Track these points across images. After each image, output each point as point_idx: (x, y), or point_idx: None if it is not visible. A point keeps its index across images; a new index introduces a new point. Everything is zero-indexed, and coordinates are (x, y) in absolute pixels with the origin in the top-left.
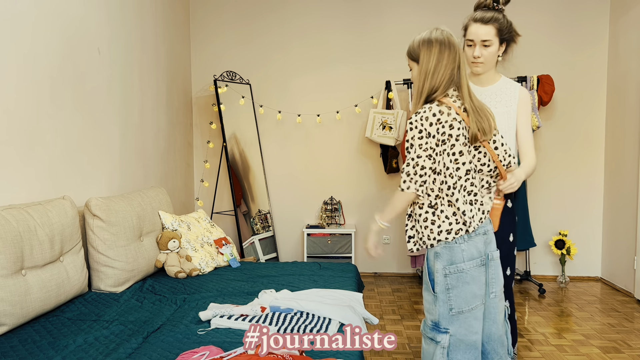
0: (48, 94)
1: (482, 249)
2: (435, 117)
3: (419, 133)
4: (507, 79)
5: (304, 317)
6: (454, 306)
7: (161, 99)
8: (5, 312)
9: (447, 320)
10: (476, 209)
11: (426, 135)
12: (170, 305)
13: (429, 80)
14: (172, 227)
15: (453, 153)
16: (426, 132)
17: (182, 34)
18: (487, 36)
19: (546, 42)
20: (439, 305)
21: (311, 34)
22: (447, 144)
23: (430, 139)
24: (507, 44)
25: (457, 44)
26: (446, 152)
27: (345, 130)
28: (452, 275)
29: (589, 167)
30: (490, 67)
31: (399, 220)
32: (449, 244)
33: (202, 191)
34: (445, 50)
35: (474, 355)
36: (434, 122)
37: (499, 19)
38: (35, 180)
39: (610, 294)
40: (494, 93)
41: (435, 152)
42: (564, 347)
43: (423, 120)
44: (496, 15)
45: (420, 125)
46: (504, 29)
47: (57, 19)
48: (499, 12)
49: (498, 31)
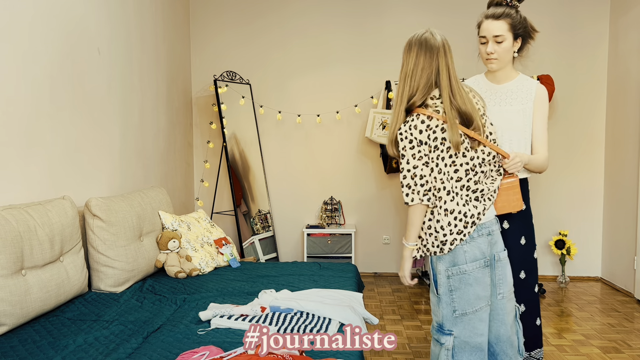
0: (48, 94)
1: (487, 250)
2: (424, 123)
3: (410, 143)
4: (525, 76)
5: (304, 317)
6: (458, 308)
7: (161, 99)
8: (5, 312)
9: (450, 322)
10: (482, 205)
11: (417, 143)
12: (170, 305)
13: (408, 83)
14: (172, 227)
15: (450, 156)
16: (417, 140)
17: (182, 34)
18: (499, 31)
19: (546, 42)
20: (443, 307)
21: (311, 34)
22: (440, 148)
23: (423, 146)
24: (522, 40)
25: (439, 47)
26: (441, 157)
27: (345, 130)
28: (455, 277)
29: (589, 167)
30: (504, 63)
31: (399, 221)
32: (451, 246)
33: (202, 191)
34: (422, 53)
35: (479, 357)
36: (423, 129)
37: (510, 14)
38: (35, 180)
39: (610, 294)
40: (509, 90)
41: (430, 158)
42: (564, 347)
43: (412, 130)
44: (508, 10)
45: (410, 135)
46: (517, 24)
47: (57, 19)
48: (511, 7)
49: (511, 26)
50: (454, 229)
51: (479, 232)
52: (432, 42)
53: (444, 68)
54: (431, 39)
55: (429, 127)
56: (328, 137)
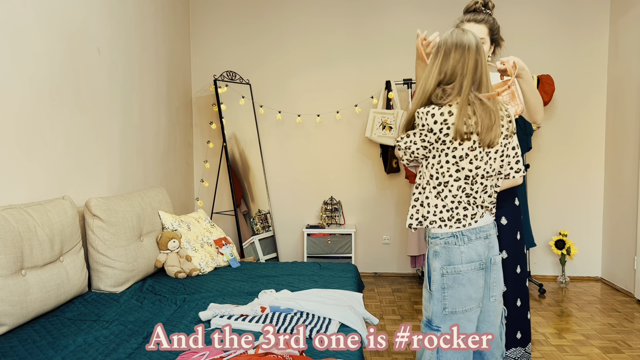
0: (48, 94)
1: (483, 253)
2: (443, 116)
3: (422, 127)
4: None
5: (304, 317)
6: (448, 306)
7: (161, 98)
8: (5, 312)
9: (439, 318)
10: (471, 211)
11: (428, 130)
12: (170, 305)
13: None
14: (172, 227)
15: (454, 156)
16: (428, 127)
17: (182, 34)
18: (481, 34)
19: (546, 42)
20: (434, 303)
21: (311, 34)
22: (447, 144)
23: (430, 134)
24: (495, 47)
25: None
26: (444, 152)
27: (345, 130)
28: (449, 276)
29: (589, 167)
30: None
31: (399, 221)
32: (449, 245)
33: (202, 191)
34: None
35: (463, 356)
36: (439, 120)
37: (489, 20)
38: (36, 180)
39: (610, 294)
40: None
41: (432, 146)
42: (564, 347)
43: (428, 116)
44: (487, 17)
45: (424, 120)
46: (494, 29)
47: (58, 19)
48: (489, 15)
49: (489, 31)
50: (437, 212)
51: (477, 235)
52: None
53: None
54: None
55: (445, 122)
56: (328, 137)
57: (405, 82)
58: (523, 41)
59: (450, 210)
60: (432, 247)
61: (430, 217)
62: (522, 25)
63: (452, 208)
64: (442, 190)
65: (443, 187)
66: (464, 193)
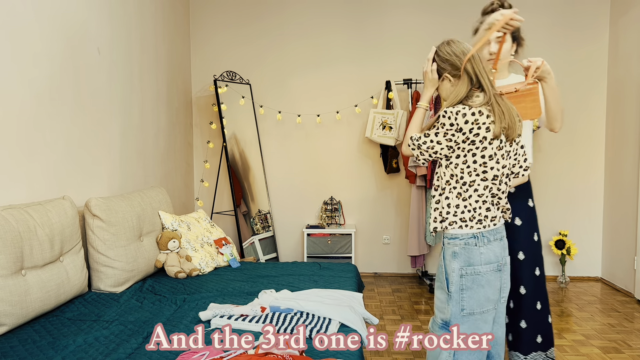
0: (48, 94)
1: (500, 254)
2: (474, 116)
3: (450, 126)
4: (516, 75)
5: (304, 317)
6: (466, 307)
7: (161, 99)
8: (5, 312)
9: (457, 320)
10: (493, 212)
11: (457, 129)
12: (170, 305)
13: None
14: (172, 227)
15: (482, 156)
16: (458, 126)
17: (182, 34)
18: (499, 34)
19: (546, 42)
20: (452, 304)
21: (311, 34)
22: (476, 144)
23: (459, 133)
24: (517, 46)
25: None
26: (471, 152)
27: (345, 130)
28: (468, 277)
29: (589, 167)
30: (503, 64)
31: (399, 221)
32: (469, 246)
33: (202, 191)
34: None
35: (478, 358)
36: (470, 120)
37: None
38: (36, 180)
39: (610, 294)
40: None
41: (459, 147)
42: (564, 347)
43: (458, 116)
44: None
45: (454, 119)
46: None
47: (57, 19)
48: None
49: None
50: (459, 212)
51: (494, 236)
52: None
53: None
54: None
55: (476, 122)
56: (328, 137)
57: (405, 82)
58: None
59: (472, 210)
60: (450, 248)
61: (450, 218)
62: (522, 27)
63: (474, 208)
64: (467, 190)
65: (468, 187)
66: (491, 193)
